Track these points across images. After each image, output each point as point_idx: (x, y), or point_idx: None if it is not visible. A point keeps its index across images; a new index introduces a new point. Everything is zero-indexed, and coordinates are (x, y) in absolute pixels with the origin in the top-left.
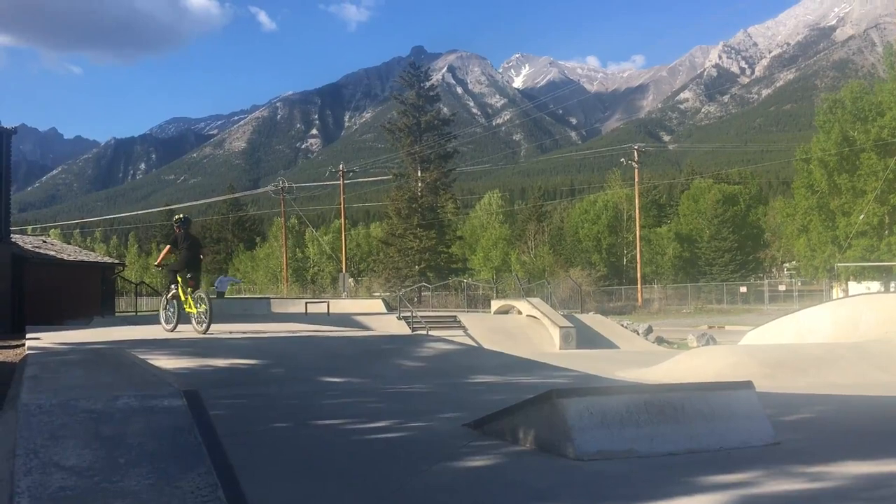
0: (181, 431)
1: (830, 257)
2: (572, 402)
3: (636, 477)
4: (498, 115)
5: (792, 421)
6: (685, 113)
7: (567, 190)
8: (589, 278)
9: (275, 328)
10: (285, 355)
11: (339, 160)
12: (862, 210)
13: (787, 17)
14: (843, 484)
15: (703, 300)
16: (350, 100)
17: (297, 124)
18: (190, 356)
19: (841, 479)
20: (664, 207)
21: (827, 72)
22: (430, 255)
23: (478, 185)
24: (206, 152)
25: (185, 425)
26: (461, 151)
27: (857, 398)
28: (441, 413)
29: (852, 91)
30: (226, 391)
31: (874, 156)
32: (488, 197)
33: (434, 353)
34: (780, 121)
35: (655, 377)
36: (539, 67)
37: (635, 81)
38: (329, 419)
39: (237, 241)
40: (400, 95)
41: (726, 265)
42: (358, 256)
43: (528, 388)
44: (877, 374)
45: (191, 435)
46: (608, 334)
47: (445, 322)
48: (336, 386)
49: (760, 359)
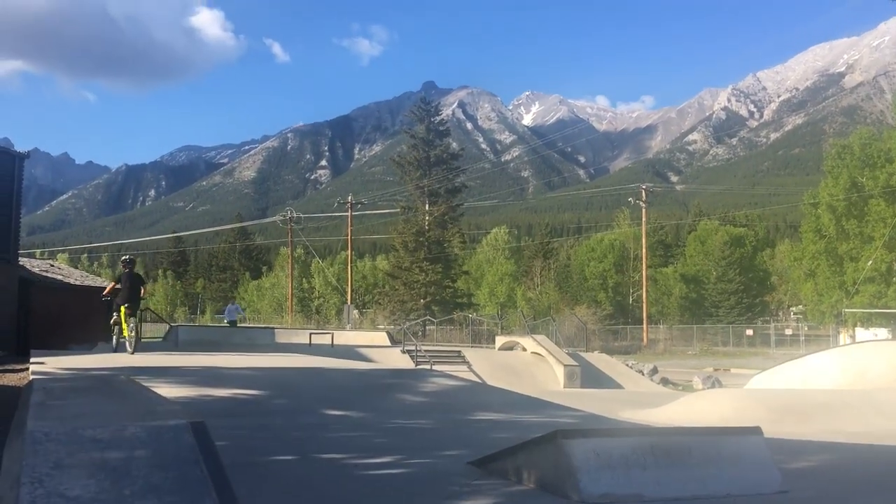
0: (188, 464)
1: (838, 302)
2: (577, 443)
3: None
4: (507, 151)
5: (799, 469)
6: (693, 154)
7: (574, 227)
8: (594, 317)
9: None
10: (289, 387)
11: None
12: (870, 256)
13: (796, 63)
14: None
15: (709, 342)
16: (360, 132)
17: (307, 155)
18: (192, 385)
19: None
20: (671, 248)
21: (835, 117)
22: (435, 289)
23: (485, 220)
24: (216, 181)
25: (192, 457)
26: (469, 186)
27: (865, 447)
28: (444, 450)
29: (861, 137)
30: (229, 421)
31: (882, 202)
32: (495, 232)
33: (438, 389)
34: (788, 164)
35: (661, 419)
36: (549, 105)
37: (644, 122)
38: (332, 453)
39: (243, 269)
40: (410, 129)
41: (732, 307)
42: (363, 288)
43: (533, 426)
44: (885, 423)
45: (197, 467)
46: (613, 374)
47: (449, 357)
48: (339, 419)
49: (767, 404)
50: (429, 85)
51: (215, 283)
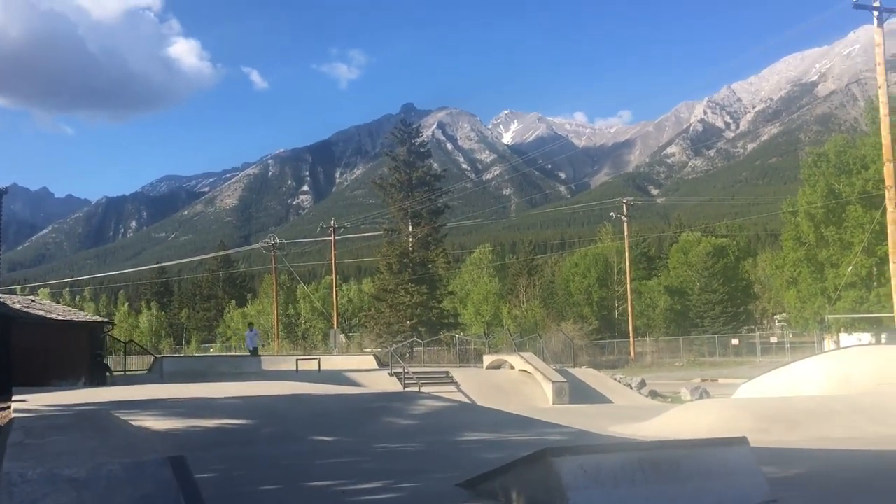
0: (166, 499)
1: (820, 309)
2: (566, 461)
3: None
4: (488, 170)
5: (788, 477)
6: (672, 167)
7: (557, 244)
8: (581, 332)
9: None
10: (276, 414)
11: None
12: (850, 262)
13: (769, 73)
14: None
15: (696, 353)
16: (341, 156)
17: (289, 181)
18: (179, 416)
19: None
20: (654, 260)
21: (810, 126)
22: (421, 311)
23: (469, 239)
24: (198, 209)
25: (171, 494)
26: (452, 206)
27: (852, 453)
28: (433, 473)
29: (836, 145)
30: (215, 452)
31: (860, 208)
32: (479, 251)
33: (426, 411)
34: (765, 174)
35: (649, 432)
36: (527, 123)
37: (622, 136)
38: (321, 480)
39: (228, 297)
40: (391, 152)
41: (717, 317)
42: (349, 312)
43: (522, 445)
44: (871, 428)
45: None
46: (601, 388)
47: (437, 378)
48: (327, 446)
49: (754, 413)
50: (408, 107)
51: (200, 312)
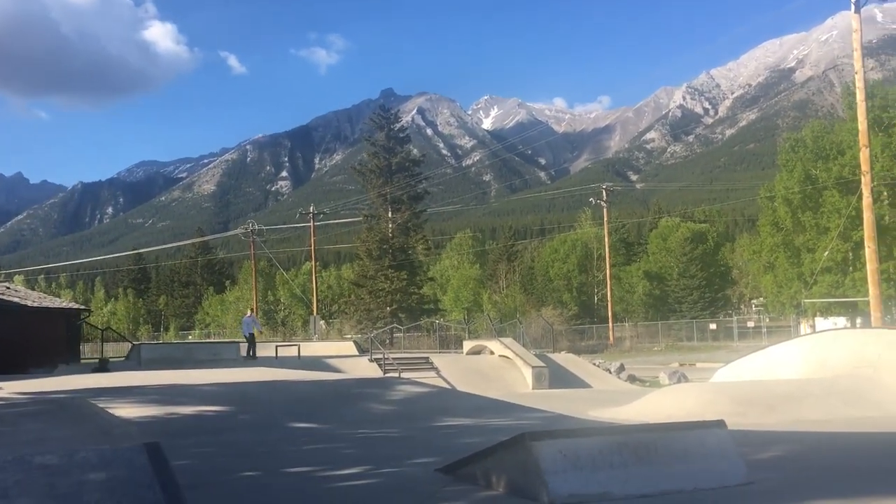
0: (141, 487)
1: (797, 293)
2: (545, 445)
3: None
4: (468, 156)
5: (764, 459)
6: (651, 153)
7: (537, 229)
8: (560, 317)
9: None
10: (255, 401)
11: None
12: (826, 247)
13: (748, 59)
14: None
15: (674, 337)
16: (320, 142)
17: (267, 167)
18: (156, 404)
19: None
20: (633, 246)
21: (788, 112)
22: (401, 297)
23: (448, 225)
24: (175, 195)
25: (146, 480)
26: (431, 192)
27: (828, 435)
28: (413, 458)
29: (813, 130)
30: (193, 439)
31: (836, 193)
32: (459, 237)
33: (406, 396)
34: (743, 160)
35: (628, 416)
36: (507, 109)
37: (602, 122)
38: (300, 467)
39: (206, 284)
40: (370, 137)
41: (696, 302)
42: (329, 298)
43: (502, 430)
44: (846, 410)
45: (151, 490)
46: (580, 373)
47: (417, 364)
48: (307, 432)
49: (732, 396)
50: (387, 92)
51: (178, 299)
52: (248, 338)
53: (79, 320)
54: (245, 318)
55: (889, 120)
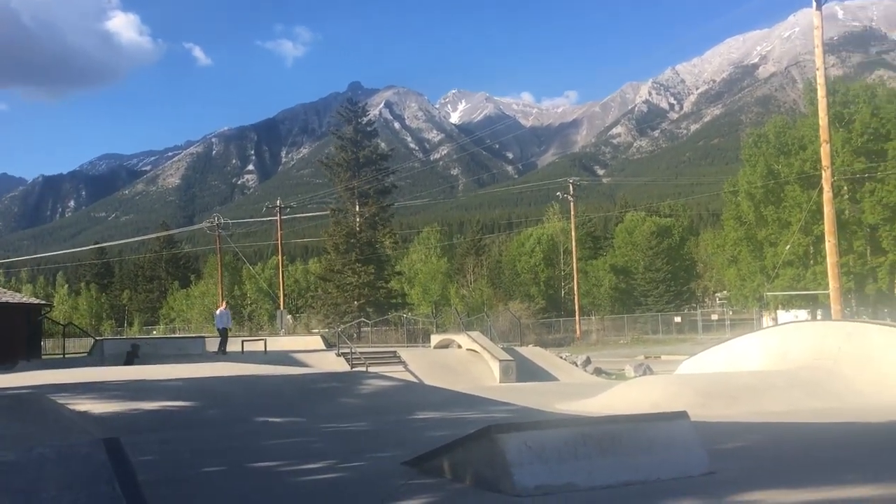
0: (99, 483)
1: (759, 286)
2: (511, 438)
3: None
4: (435, 149)
5: (727, 450)
6: (618, 147)
7: (505, 223)
8: (528, 311)
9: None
10: (220, 396)
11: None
12: (788, 241)
13: (712, 55)
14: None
15: (640, 330)
16: (287, 135)
17: (233, 160)
18: (120, 399)
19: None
20: (599, 240)
21: (751, 107)
22: (369, 291)
23: (416, 219)
24: (139, 189)
25: (105, 476)
26: (399, 186)
27: (789, 425)
28: (380, 451)
29: (775, 126)
30: (158, 435)
31: (798, 188)
32: (427, 231)
33: (373, 390)
34: (708, 155)
35: (594, 409)
36: (475, 103)
37: (569, 117)
38: (266, 461)
39: (171, 279)
40: (337, 131)
41: (661, 296)
42: (296, 293)
43: (469, 423)
44: (807, 402)
45: (110, 486)
46: (547, 366)
47: (385, 358)
48: (273, 427)
49: (695, 388)
50: (355, 85)
51: (142, 293)
52: (221, 332)
53: (40, 316)
54: (219, 312)
55: (849, 116)
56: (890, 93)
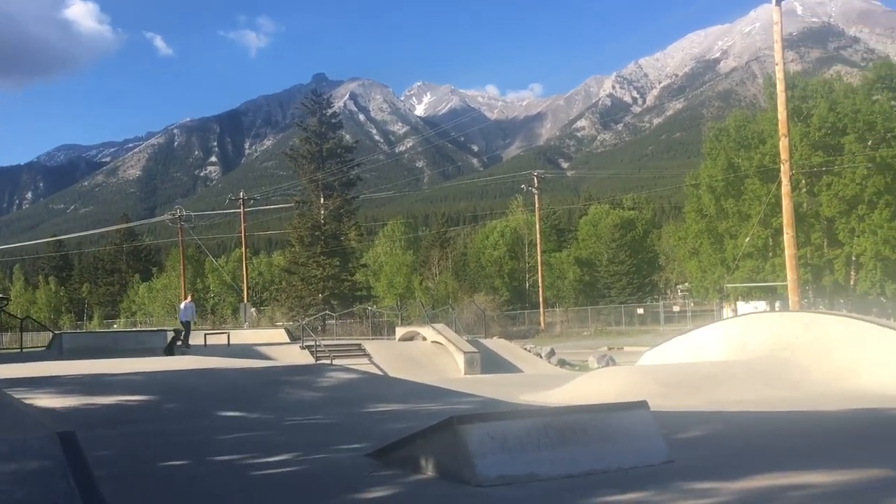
0: (54, 477)
1: (720, 278)
2: (473, 428)
3: (534, 501)
4: (400, 142)
5: (686, 439)
6: (582, 140)
7: (470, 216)
8: (492, 303)
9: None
10: (181, 390)
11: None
12: (747, 233)
13: (674, 50)
14: (731, 499)
15: (603, 322)
16: (250, 127)
17: (196, 151)
18: (77, 394)
19: (729, 495)
20: (564, 232)
21: (713, 102)
22: (333, 283)
23: (381, 212)
24: (99, 180)
25: (58, 470)
26: (364, 179)
27: (747, 415)
28: (343, 444)
29: (736, 120)
30: (117, 429)
31: (757, 181)
32: (391, 225)
33: (337, 383)
34: (670, 148)
35: (558, 399)
36: (440, 95)
37: (534, 110)
38: (227, 455)
39: (132, 271)
40: (302, 122)
41: (624, 288)
42: (260, 285)
43: (433, 415)
44: (766, 391)
45: (63, 480)
46: (512, 358)
47: (350, 350)
48: (235, 420)
49: (657, 378)
50: (319, 77)
51: (102, 287)
52: (185, 325)
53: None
54: (184, 304)
55: (808, 110)
56: (847, 88)
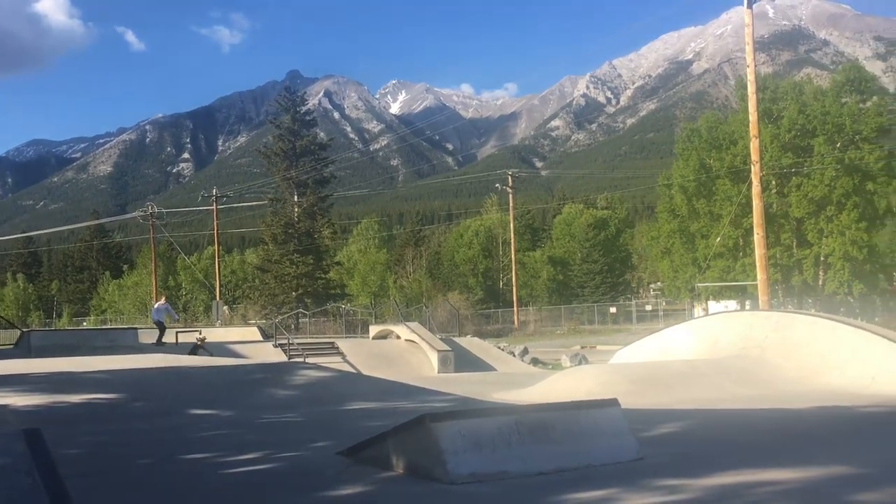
0: (19, 473)
1: (691, 278)
2: (445, 426)
3: (506, 498)
4: (375, 140)
5: (656, 436)
6: (556, 140)
7: (445, 215)
8: (467, 302)
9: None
10: (151, 388)
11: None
12: (718, 233)
13: (648, 51)
14: (699, 496)
15: (576, 321)
16: (224, 123)
17: (168, 148)
18: (43, 392)
19: (697, 491)
20: (538, 232)
21: (685, 103)
22: (307, 281)
23: (356, 210)
24: (69, 176)
25: (24, 467)
26: (338, 177)
27: (717, 412)
28: (315, 442)
29: (708, 121)
30: (84, 428)
31: (728, 182)
32: (365, 223)
33: (310, 381)
34: (643, 148)
35: (530, 398)
36: (415, 94)
37: (508, 109)
38: (197, 453)
39: (102, 269)
40: (275, 120)
41: (597, 287)
42: (233, 283)
43: (406, 413)
44: (735, 389)
45: (29, 477)
46: (485, 357)
47: (323, 349)
48: (206, 418)
49: (629, 377)
50: (293, 74)
51: (72, 284)
52: (158, 325)
53: None
54: (157, 305)
55: (778, 112)
56: (816, 90)
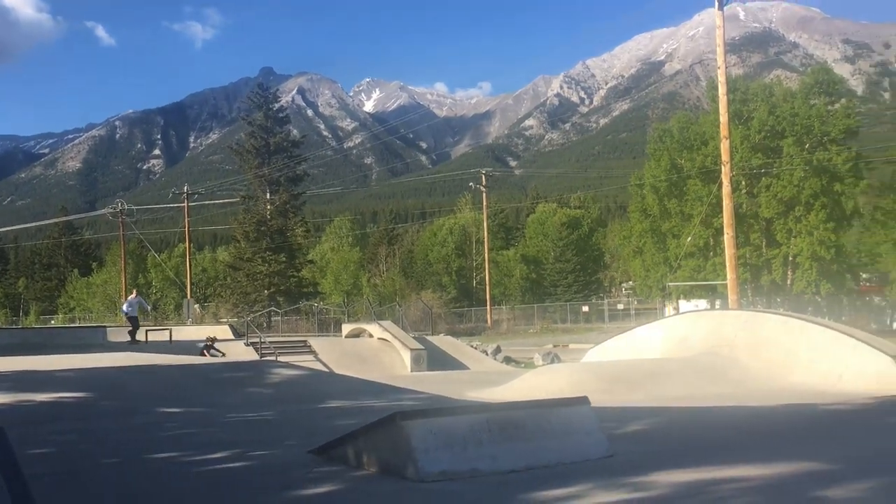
0: None
1: (663, 277)
2: (416, 424)
3: (476, 496)
4: (349, 138)
5: (626, 433)
6: (530, 139)
7: (418, 213)
8: (440, 300)
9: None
10: (119, 387)
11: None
12: (689, 233)
13: (621, 52)
14: (667, 492)
15: (549, 320)
16: (195, 120)
17: (139, 144)
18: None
19: (665, 488)
20: (511, 230)
21: (657, 103)
22: (279, 280)
23: (329, 208)
24: (37, 172)
25: None
26: (311, 174)
27: (687, 409)
28: (286, 440)
29: (679, 122)
30: (50, 427)
31: (699, 182)
32: (338, 221)
33: (282, 380)
34: (616, 148)
35: (503, 396)
36: (389, 92)
37: (482, 108)
38: (165, 452)
39: (71, 266)
40: (248, 116)
41: (570, 286)
42: (204, 281)
43: (378, 411)
44: (705, 386)
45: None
46: (458, 355)
47: (295, 347)
48: (175, 417)
49: (600, 375)
50: (266, 71)
51: (39, 282)
52: (131, 320)
53: None
54: (129, 299)
55: (748, 113)
56: (786, 92)
